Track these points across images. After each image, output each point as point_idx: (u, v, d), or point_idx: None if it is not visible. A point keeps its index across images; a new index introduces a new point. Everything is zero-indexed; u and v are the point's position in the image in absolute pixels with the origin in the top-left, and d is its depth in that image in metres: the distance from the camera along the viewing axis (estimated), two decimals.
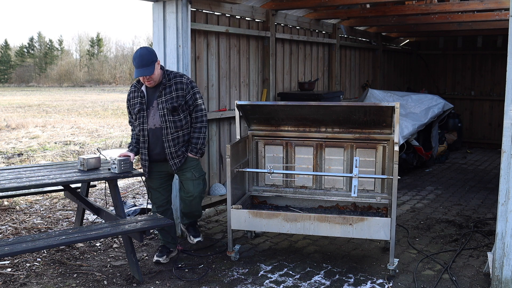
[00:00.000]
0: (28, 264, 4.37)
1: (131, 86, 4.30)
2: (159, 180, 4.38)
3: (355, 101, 8.56)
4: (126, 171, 4.18)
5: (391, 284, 3.95)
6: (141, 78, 4.11)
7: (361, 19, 8.43)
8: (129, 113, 4.36)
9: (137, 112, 4.20)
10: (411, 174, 8.14)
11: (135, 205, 6.18)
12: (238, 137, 4.59)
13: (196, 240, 4.57)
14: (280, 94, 6.83)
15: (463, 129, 10.72)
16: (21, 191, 5.18)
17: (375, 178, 4.60)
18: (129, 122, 4.45)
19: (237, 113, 4.53)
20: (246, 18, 6.25)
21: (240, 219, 4.30)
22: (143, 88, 4.19)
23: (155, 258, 4.41)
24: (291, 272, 4.19)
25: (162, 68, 4.19)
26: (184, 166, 4.30)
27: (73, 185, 5.06)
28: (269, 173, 4.50)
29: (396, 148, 4.02)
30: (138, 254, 4.54)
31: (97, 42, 64.49)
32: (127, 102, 4.34)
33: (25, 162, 9.38)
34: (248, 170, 4.65)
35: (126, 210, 5.77)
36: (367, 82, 9.60)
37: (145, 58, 3.98)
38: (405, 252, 4.66)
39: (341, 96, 7.32)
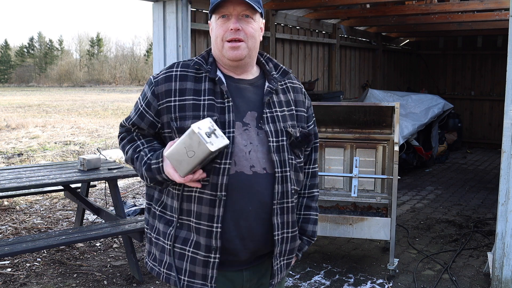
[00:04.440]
0: (28, 264, 4.37)
1: (172, 66, 1.78)
2: None
3: (355, 101, 8.55)
4: None
5: (391, 284, 3.95)
6: (227, 25, 1.71)
7: (361, 19, 8.44)
8: (140, 126, 1.81)
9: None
10: (411, 174, 8.14)
11: (135, 205, 6.18)
12: None
13: None
14: None
15: (463, 129, 10.72)
16: (21, 191, 5.19)
17: (375, 178, 4.59)
18: (123, 139, 1.87)
19: None
20: None
21: None
22: (219, 73, 1.77)
23: None
24: (291, 272, 4.19)
25: (263, 54, 1.91)
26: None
27: (73, 185, 5.07)
28: None
29: (396, 148, 4.02)
30: (138, 254, 4.54)
31: (97, 42, 64.56)
32: (152, 98, 1.75)
33: (25, 162, 9.38)
34: None
35: (126, 210, 5.77)
36: (367, 82, 9.60)
37: None
38: (405, 252, 4.66)
39: (341, 96, 7.32)
